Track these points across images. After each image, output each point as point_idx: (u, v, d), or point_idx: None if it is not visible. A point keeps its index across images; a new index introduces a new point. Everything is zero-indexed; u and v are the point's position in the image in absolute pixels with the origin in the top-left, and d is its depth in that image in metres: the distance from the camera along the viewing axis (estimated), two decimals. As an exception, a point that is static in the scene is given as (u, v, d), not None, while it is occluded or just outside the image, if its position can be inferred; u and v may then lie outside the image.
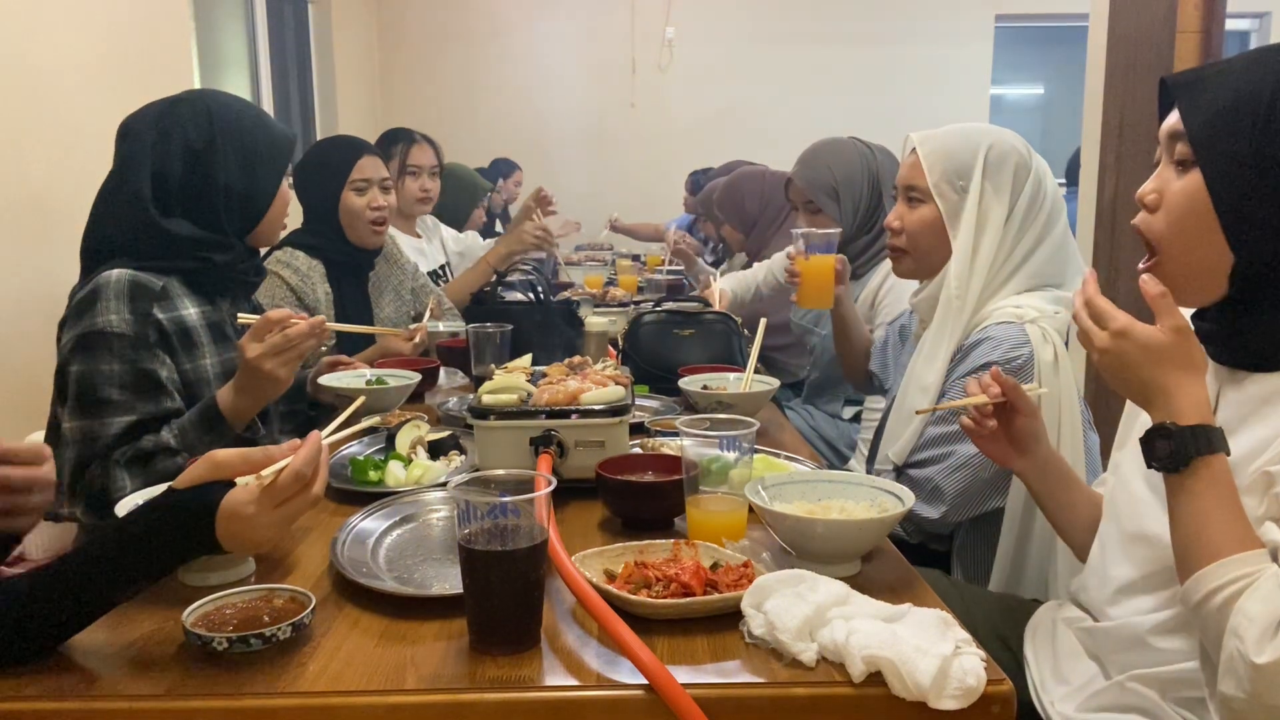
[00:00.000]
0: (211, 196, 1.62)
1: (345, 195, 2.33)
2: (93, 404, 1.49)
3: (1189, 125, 0.95)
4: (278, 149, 1.68)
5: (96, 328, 1.49)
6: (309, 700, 0.87)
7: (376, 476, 1.47)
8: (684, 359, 2.13)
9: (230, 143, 1.63)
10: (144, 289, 1.54)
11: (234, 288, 1.71)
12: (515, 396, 1.46)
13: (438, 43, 6.65)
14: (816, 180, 2.53)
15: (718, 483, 1.24)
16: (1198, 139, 0.94)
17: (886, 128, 3.55)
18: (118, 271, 1.53)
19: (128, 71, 2.91)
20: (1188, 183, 0.96)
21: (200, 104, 1.66)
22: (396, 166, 3.00)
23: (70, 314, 1.54)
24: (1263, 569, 0.87)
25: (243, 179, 1.63)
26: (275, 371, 1.50)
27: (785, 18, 6.67)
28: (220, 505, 0.96)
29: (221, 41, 4.46)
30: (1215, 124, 0.93)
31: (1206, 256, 0.96)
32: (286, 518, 0.99)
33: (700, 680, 0.89)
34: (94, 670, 0.92)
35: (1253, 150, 0.91)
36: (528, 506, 0.95)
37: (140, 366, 1.51)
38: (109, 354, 1.49)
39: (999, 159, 1.60)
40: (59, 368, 1.54)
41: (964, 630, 0.93)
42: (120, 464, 1.48)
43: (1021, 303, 1.57)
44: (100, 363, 1.49)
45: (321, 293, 2.32)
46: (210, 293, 1.66)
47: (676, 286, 3.83)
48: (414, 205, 3.10)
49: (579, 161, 6.70)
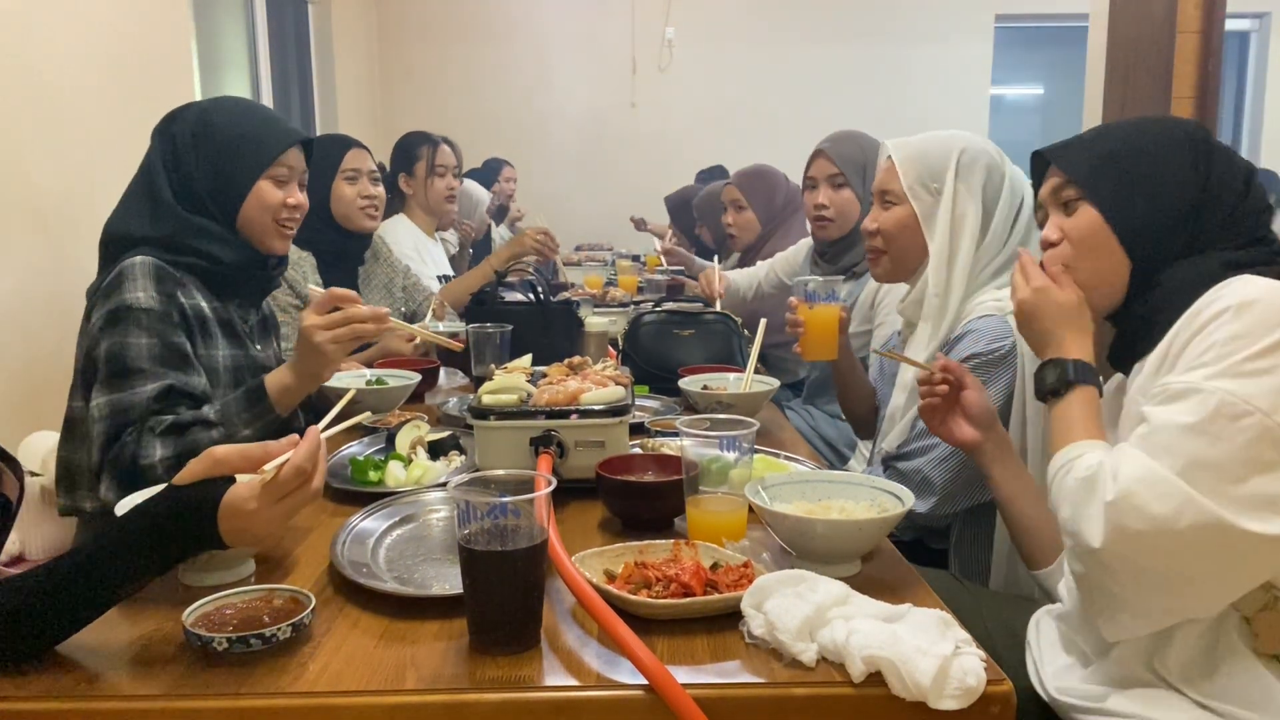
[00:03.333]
0: (195, 189, 1.63)
1: (337, 184, 2.49)
2: (124, 374, 1.48)
3: (1075, 175, 1.20)
4: (258, 144, 1.67)
5: (125, 303, 1.51)
6: (309, 700, 0.87)
7: (376, 476, 1.48)
8: (684, 359, 2.13)
9: (207, 139, 1.64)
10: (167, 273, 1.56)
11: (244, 291, 1.72)
12: (515, 397, 1.46)
13: (438, 43, 6.65)
14: (846, 155, 2.59)
15: (718, 483, 1.24)
16: (1085, 181, 1.19)
17: (886, 128, 3.53)
18: (141, 256, 1.55)
19: (128, 71, 2.91)
20: (1080, 216, 1.20)
21: (206, 104, 1.70)
22: (425, 167, 3.18)
23: (97, 298, 1.55)
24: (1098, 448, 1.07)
25: (212, 175, 1.63)
26: (325, 345, 1.49)
27: (785, 18, 6.67)
28: (222, 501, 0.97)
29: (221, 41, 4.46)
30: (1096, 168, 1.19)
31: (1109, 266, 1.18)
32: (287, 512, 1.01)
33: (700, 680, 0.89)
34: (94, 670, 0.92)
35: (1127, 179, 1.17)
36: (528, 506, 0.95)
37: (169, 339, 1.52)
38: (138, 328, 1.50)
39: (970, 161, 1.65)
40: (87, 351, 1.54)
41: (964, 630, 0.93)
42: (155, 431, 1.46)
43: (1003, 295, 1.60)
44: (130, 336, 1.50)
45: (313, 283, 2.38)
46: (222, 293, 1.67)
47: (676, 286, 3.83)
48: (442, 204, 3.25)
49: (579, 161, 6.70)
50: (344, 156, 2.50)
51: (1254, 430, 0.94)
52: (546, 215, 3.26)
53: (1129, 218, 1.16)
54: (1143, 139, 1.19)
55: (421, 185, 3.20)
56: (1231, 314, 1.00)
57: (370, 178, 2.53)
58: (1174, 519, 0.94)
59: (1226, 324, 1.00)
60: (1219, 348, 0.99)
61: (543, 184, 6.49)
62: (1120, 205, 1.17)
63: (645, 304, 2.65)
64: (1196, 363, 1.00)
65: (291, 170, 1.69)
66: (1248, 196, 1.15)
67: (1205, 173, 1.15)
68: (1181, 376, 1.00)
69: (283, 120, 1.74)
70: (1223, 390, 0.96)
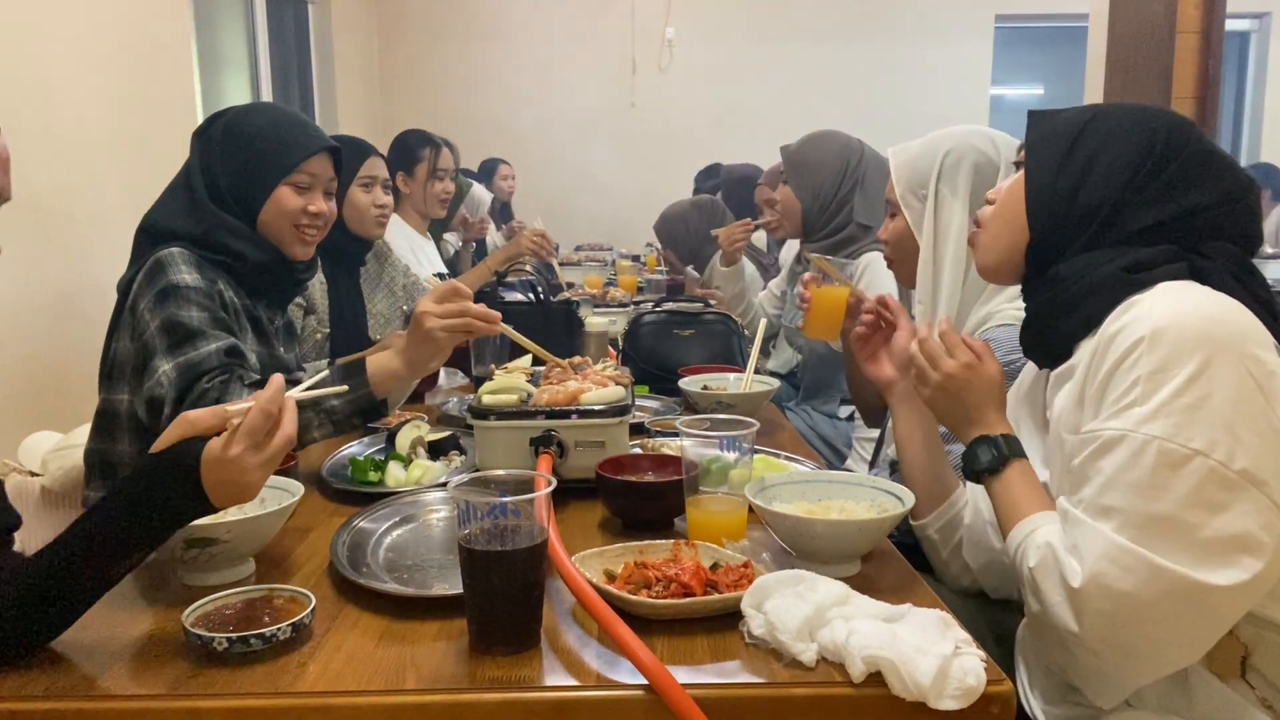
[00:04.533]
0: (220, 187, 1.65)
1: (353, 190, 2.47)
2: (187, 338, 1.49)
3: (1028, 139, 1.20)
4: (281, 149, 1.67)
5: (173, 282, 1.52)
6: (309, 700, 0.87)
7: (376, 476, 1.48)
8: (684, 359, 2.13)
9: (234, 139, 1.66)
10: (205, 262, 1.59)
11: (270, 291, 1.73)
12: (515, 397, 1.46)
13: (438, 43, 6.65)
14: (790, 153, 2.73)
15: (718, 483, 1.24)
16: (1030, 146, 1.19)
17: (886, 127, 3.56)
18: (175, 248, 1.57)
19: (127, 71, 2.91)
20: (1015, 179, 1.21)
21: (245, 106, 1.73)
22: (426, 169, 3.20)
23: (139, 286, 1.55)
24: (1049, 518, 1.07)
25: (235, 175, 1.65)
26: (435, 331, 1.45)
27: (785, 18, 6.67)
28: (202, 455, 0.95)
29: (221, 41, 4.46)
30: (1046, 137, 1.18)
31: (1013, 235, 1.18)
32: (268, 459, 0.97)
33: (700, 680, 0.89)
34: (94, 670, 0.92)
35: (1058, 158, 1.15)
36: (528, 506, 0.95)
37: (217, 315, 1.54)
38: (188, 302, 1.51)
39: (955, 162, 1.60)
40: (135, 335, 1.54)
41: (964, 630, 0.93)
42: (244, 382, 1.45)
43: (1020, 305, 1.56)
44: (182, 309, 1.51)
45: (317, 283, 2.40)
46: (250, 291, 1.68)
47: (676, 286, 3.83)
48: (438, 206, 3.28)
49: (579, 161, 6.70)
50: (363, 163, 2.50)
51: (1197, 474, 0.92)
52: (544, 218, 3.26)
53: (1043, 193, 1.15)
54: (1110, 123, 1.15)
55: (421, 186, 3.22)
56: (1146, 345, 0.97)
57: (384, 186, 2.54)
58: (1142, 591, 0.93)
59: (1144, 357, 0.97)
60: (1143, 385, 0.96)
61: (543, 184, 6.49)
62: (1042, 178, 1.15)
63: (645, 304, 2.65)
64: (1122, 403, 0.97)
65: (315, 178, 1.69)
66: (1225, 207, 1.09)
67: (1152, 172, 1.10)
68: (1111, 422, 0.98)
69: (312, 128, 1.74)
70: (1158, 437, 0.94)
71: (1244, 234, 1.10)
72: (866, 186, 2.64)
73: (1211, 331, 0.96)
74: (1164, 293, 1.02)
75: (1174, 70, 2.89)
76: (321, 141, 1.70)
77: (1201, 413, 0.94)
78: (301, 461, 1.58)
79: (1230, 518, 0.92)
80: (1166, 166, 1.10)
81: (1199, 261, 1.06)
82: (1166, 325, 0.97)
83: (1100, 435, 0.99)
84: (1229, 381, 0.94)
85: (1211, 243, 1.08)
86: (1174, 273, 1.05)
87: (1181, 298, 1.01)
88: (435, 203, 3.26)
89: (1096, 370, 1.03)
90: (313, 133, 1.72)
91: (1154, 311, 0.99)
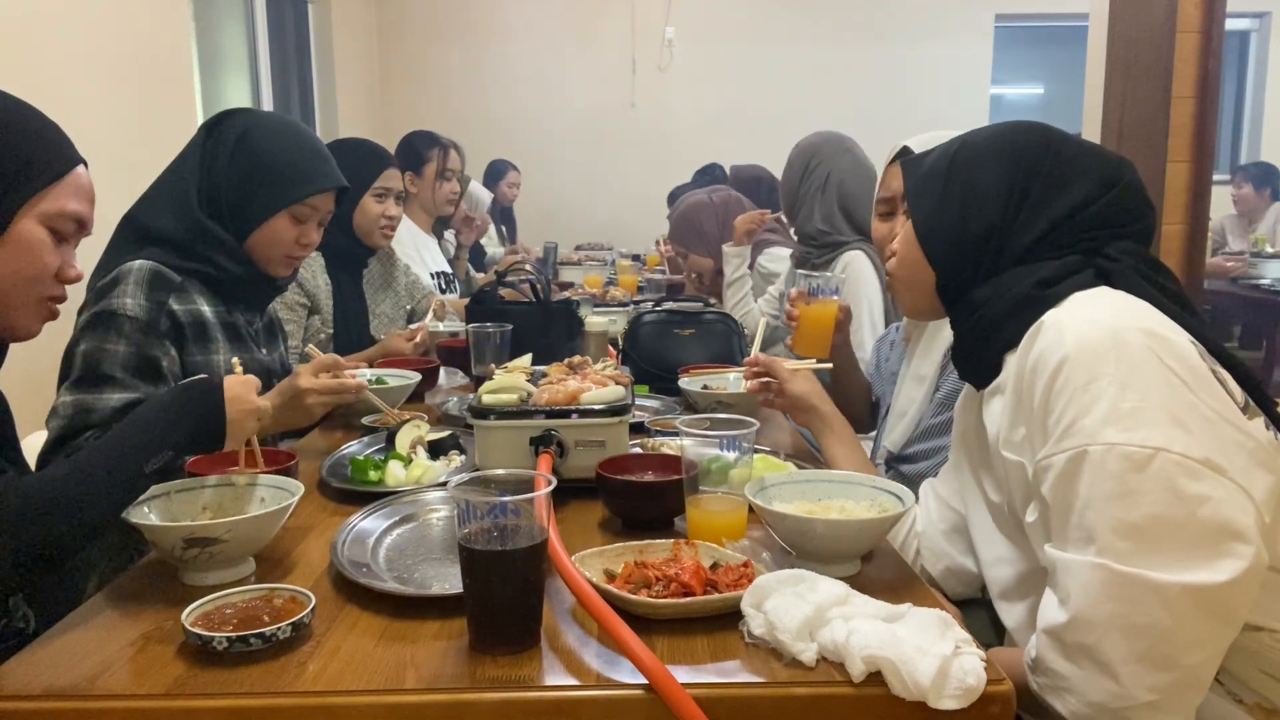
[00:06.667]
0: (218, 197, 1.65)
1: (365, 200, 2.46)
2: (94, 379, 1.49)
3: (906, 187, 1.26)
4: (290, 179, 1.67)
5: (111, 308, 1.52)
6: (309, 700, 0.87)
7: (376, 476, 1.47)
8: (684, 359, 2.13)
9: (246, 153, 1.66)
10: (163, 279, 1.57)
11: (247, 298, 1.74)
12: (515, 396, 1.46)
13: (437, 42, 6.65)
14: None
15: (718, 483, 1.24)
16: (909, 194, 1.25)
17: (886, 127, 3.55)
18: (140, 261, 1.56)
19: (128, 71, 2.91)
20: (906, 226, 1.25)
21: (261, 116, 1.72)
22: (435, 170, 3.24)
23: (90, 298, 1.57)
24: None
25: (237, 190, 1.65)
26: (313, 408, 1.60)
27: (785, 18, 6.68)
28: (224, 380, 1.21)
29: (221, 41, 4.46)
30: (918, 185, 1.24)
31: (921, 276, 1.22)
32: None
33: (700, 680, 0.89)
34: (94, 670, 0.92)
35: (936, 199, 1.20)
36: (528, 506, 0.95)
37: (145, 352, 1.53)
38: (118, 334, 1.51)
39: None
40: (68, 347, 1.55)
41: (964, 630, 0.93)
42: None
43: None
44: (108, 342, 1.51)
45: (322, 283, 2.41)
46: (225, 298, 1.69)
47: (676, 286, 3.83)
48: (445, 206, 3.33)
49: (579, 162, 6.70)
50: (381, 173, 2.48)
51: (1164, 470, 0.92)
52: (543, 217, 3.27)
53: (933, 234, 1.19)
54: (973, 151, 1.19)
55: (429, 187, 3.25)
56: (1071, 364, 0.97)
57: (396, 198, 2.53)
58: (1151, 610, 0.91)
59: (1072, 374, 0.97)
60: (1080, 398, 0.96)
61: (543, 184, 6.49)
62: (929, 221, 1.20)
63: (645, 304, 2.65)
64: (1065, 421, 0.97)
65: (315, 210, 1.71)
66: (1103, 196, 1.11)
67: (1024, 188, 1.13)
68: (1064, 443, 0.97)
69: (326, 161, 1.74)
70: (1116, 443, 0.93)
71: (1136, 216, 1.12)
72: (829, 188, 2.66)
73: (1126, 338, 0.97)
74: (1076, 305, 1.04)
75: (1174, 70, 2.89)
76: (334, 181, 1.71)
77: (1146, 412, 0.94)
78: (302, 461, 1.58)
79: (1211, 507, 0.92)
80: (1035, 178, 1.13)
81: (1105, 264, 1.08)
82: (1081, 339, 0.98)
83: (1054, 461, 0.98)
84: (1157, 379, 0.95)
85: (1115, 243, 1.10)
86: (1082, 282, 1.07)
87: (1093, 308, 1.02)
88: (443, 203, 3.30)
89: (1030, 396, 1.02)
90: (327, 169, 1.72)
91: (1068, 328, 1.00)
